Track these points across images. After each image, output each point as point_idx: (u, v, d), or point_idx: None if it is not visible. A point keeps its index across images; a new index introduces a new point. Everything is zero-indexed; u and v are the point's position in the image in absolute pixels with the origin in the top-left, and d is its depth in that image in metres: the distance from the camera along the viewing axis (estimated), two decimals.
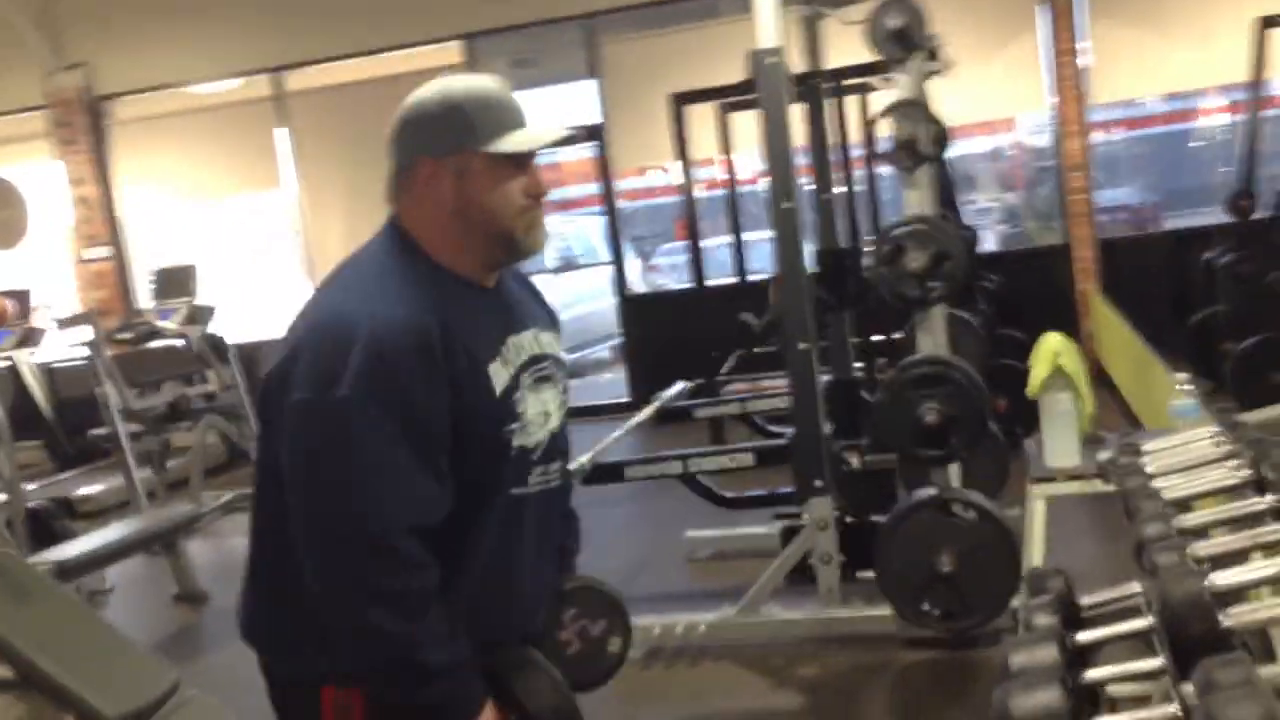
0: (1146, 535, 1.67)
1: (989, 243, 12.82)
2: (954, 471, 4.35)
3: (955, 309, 5.62)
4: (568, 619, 1.85)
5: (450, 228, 1.71)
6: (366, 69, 8.97)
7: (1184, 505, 1.90)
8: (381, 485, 1.59)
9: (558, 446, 1.81)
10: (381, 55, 9.01)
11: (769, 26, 3.82)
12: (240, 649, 1.82)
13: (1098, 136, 10.02)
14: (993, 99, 8.62)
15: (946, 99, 7.16)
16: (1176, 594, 1.44)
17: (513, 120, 1.70)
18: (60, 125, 9.61)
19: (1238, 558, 1.65)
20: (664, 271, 12.65)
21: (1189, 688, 1.25)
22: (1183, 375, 3.04)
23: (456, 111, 1.68)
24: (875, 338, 6.01)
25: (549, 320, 1.88)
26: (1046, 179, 10.17)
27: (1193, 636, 1.42)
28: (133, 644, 3.20)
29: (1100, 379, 7.61)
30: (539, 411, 1.75)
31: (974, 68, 8.12)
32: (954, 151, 16.07)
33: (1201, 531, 1.78)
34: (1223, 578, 1.53)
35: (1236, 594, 1.55)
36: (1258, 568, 1.56)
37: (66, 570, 4.95)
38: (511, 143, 1.68)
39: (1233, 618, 1.43)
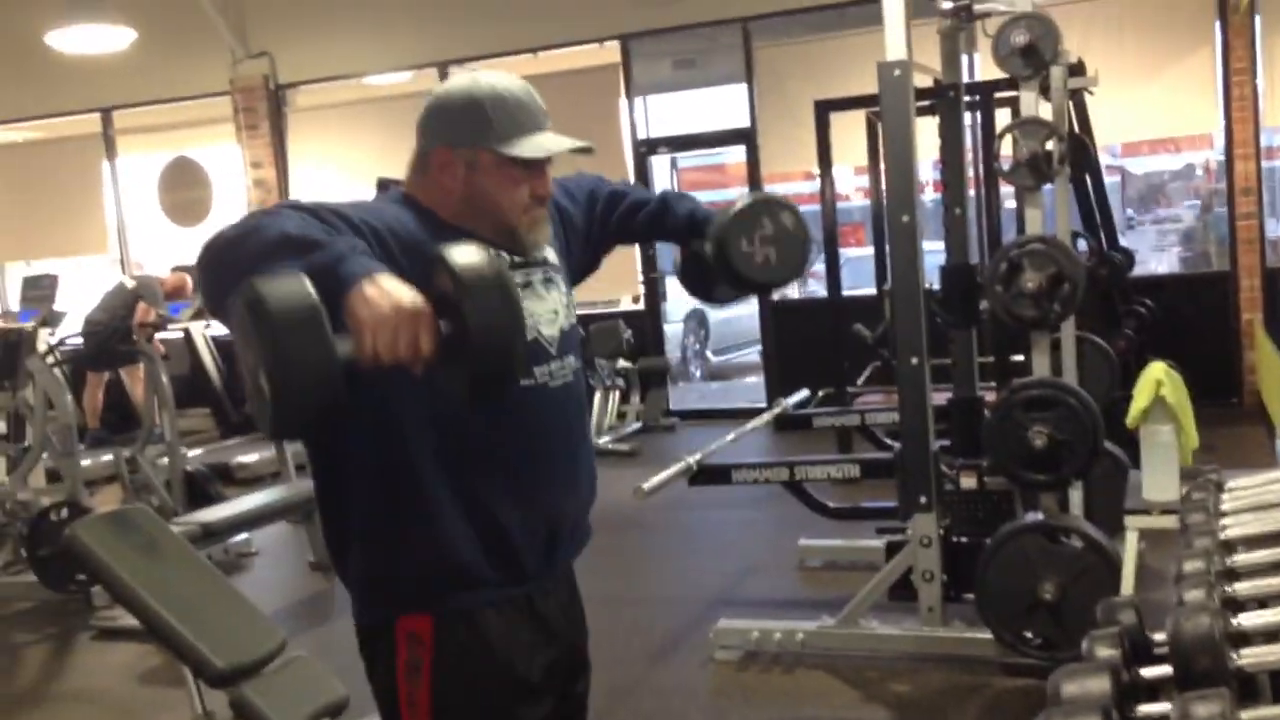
0: (1181, 572, 1.65)
1: (1162, 265, 12.34)
2: (1075, 498, 4.25)
3: (1091, 333, 5.50)
4: (746, 241, 1.94)
5: (458, 211, 1.80)
6: (529, 66, 9.20)
7: (1250, 544, 1.86)
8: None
9: (571, 343, 1.90)
10: (543, 54, 9.26)
11: (897, 38, 3.82)
12: None
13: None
14: (1163, 117, 8.32)
15: (1112, 115, 7.04)
16: (1186, 631, 1.43)
17: (530, 124, 1.78)
18: (243, 110, 10.15)
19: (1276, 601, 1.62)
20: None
21: None
22: None
23: (476, 108, 1.76)
24: (1015, 358, 5.89)
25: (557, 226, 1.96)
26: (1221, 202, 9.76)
27: (1201, 674, 1.41)
28: (248, 603, 3.42)
29: (1260, 415, 7.29)
30: (548, 309, 1.86)
31: (1146, 85, 7.89)
32: (1140, 168, 15.29)
33: (1253, 572, 1.75)
34: (1247, 619, 1.52)
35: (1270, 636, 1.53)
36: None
37: (211, 531, 5.25)
38: (523, 147, 1.76)
39: (1244, 658, 1.42)
